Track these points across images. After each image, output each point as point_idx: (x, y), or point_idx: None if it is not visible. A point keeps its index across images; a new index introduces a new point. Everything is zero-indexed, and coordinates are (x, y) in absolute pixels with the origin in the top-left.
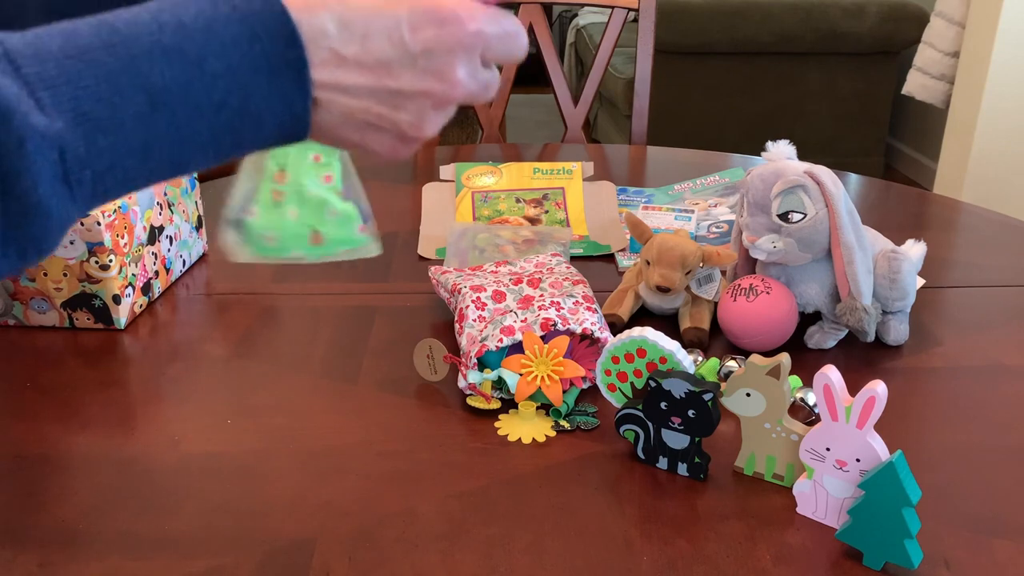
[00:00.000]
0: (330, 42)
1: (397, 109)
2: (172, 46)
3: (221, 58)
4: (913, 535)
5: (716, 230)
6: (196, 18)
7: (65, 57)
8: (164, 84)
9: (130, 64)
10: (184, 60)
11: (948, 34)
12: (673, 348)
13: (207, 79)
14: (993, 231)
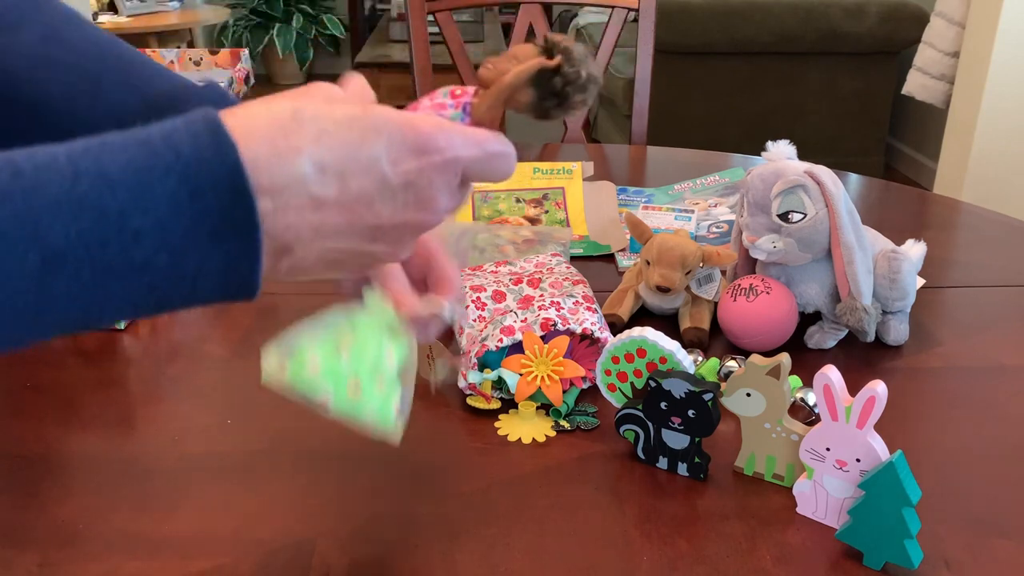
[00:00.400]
0: (308, 187)
1: (375, 241)
2: (85, 198)
3: (148, 214)
4: (913, 535)
5: (716, 230)
6: (125, 168)
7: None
8: (66, 243)
9: (26, 217)
10: (98, 214)
11: (948, 34)
12: (673, 348)
13: (126, 238)
14: (993, 231)
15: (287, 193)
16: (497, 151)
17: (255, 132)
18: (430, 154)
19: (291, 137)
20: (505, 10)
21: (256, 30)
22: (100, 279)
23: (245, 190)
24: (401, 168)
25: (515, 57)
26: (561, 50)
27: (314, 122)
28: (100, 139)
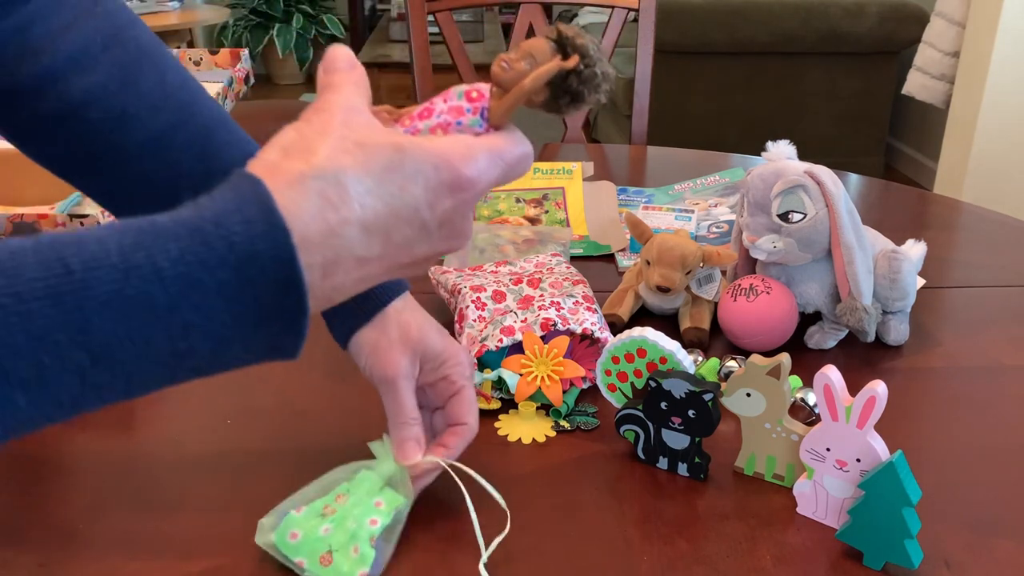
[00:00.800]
0: (355, 251)
1: (405, 269)
2: (136, 297)
3: (198, 310)
4: (913, 535)
5: (716, 230)
6: (177, 262)
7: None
8: (115, 339)
9: (76, 317)
10: (148, 312)
11: (948, 34)
12: (673, 348)
13: (175, 331)
14: (993, 231)
15: (336, 262)
16: (518, 157)
17: (305, 210)
18: (464, 190)
19: (340, 209)
20: (505, 10)
21: (256, 30)
22: (144, 367)
23: (297, 281)
24: (438, 210)
25: (530, 54)
26: (577, 48)
27: (357, 183)
28: (152, 226)
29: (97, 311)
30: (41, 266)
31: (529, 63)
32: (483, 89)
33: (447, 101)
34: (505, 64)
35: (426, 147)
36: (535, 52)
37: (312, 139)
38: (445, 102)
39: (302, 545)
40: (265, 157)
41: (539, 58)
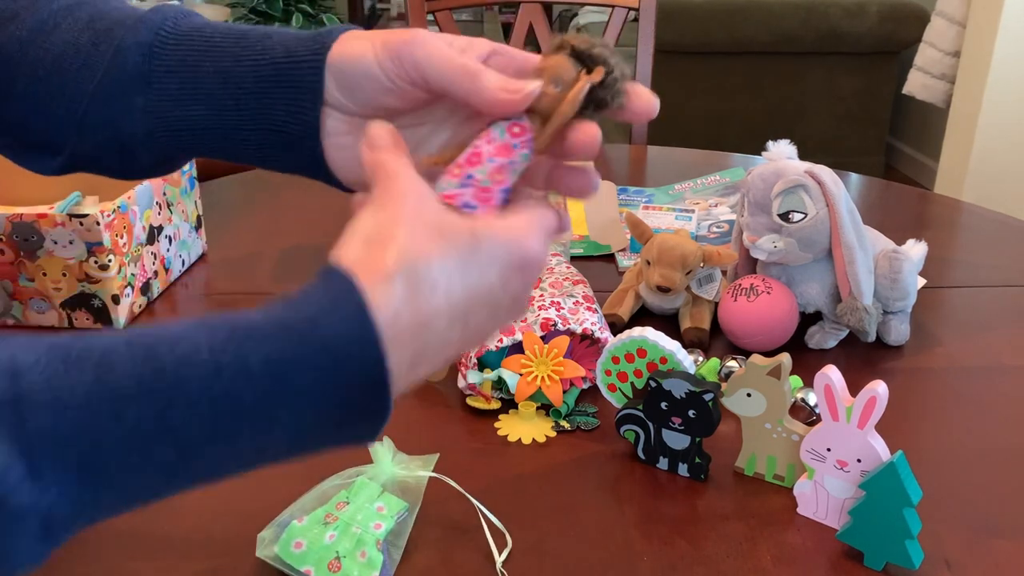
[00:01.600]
0: (439, 340)
1: (473, 345)
2: (225, 395)
3: (284, 407)
4: (914, 535)
5: (717, 230)
6: (267, 361)
7: (87, 410)
8: (203, 436)
9: (166, 415)
10: (235, 410)
11: (949, 33)
12: (673, 348)
13: (259, 428)
14: (994, 231)
15: (422, 353)
16: (560, 230)
17: (397, 307)
18: (531, 268)
19: (430, 300)
20: (505, 9)
21: None
22: (225, 460)
23: (385, 382)
24: (510, 288)
25: (557, 76)
26: (597, 59)
27: (442, 272)
28: (245, 321)
29: (187, 407)
30: (131, 366)
31: (558, 85)
32: (524, 123)
33: (491, 142)
34: (542, 91)
35: (496, 230)
36: (561, 73)
37: (391, 228)
38: (489, 143)
39: (308, 554)
40: (350, 251)
41: (565, 78)
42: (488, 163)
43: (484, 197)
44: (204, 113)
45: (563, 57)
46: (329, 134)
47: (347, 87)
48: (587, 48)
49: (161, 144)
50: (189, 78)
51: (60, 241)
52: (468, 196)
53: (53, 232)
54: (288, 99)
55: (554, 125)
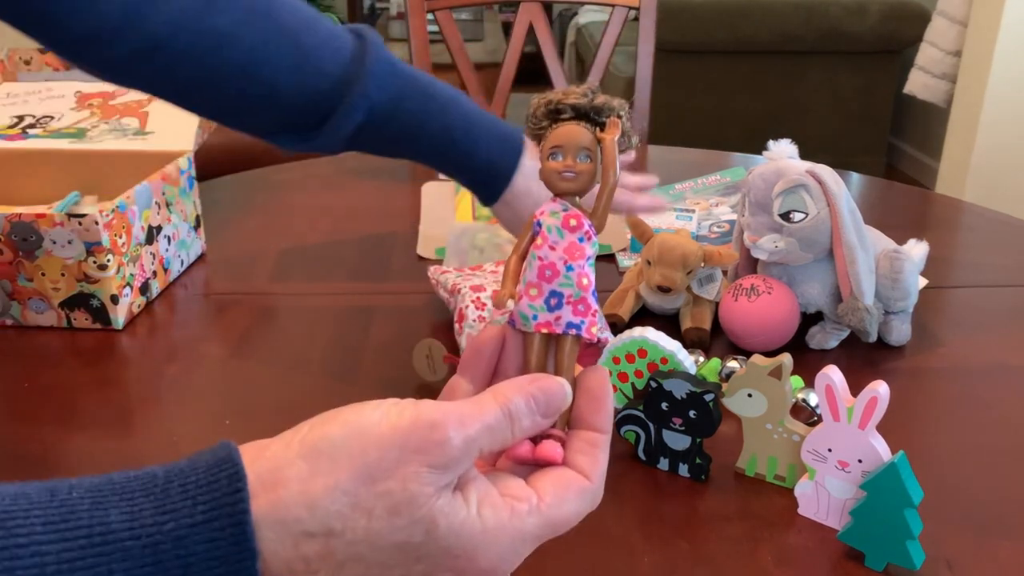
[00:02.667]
0: None
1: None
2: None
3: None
4: (915, 536)
5: (717, 230)
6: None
7: None
8: None
9: None
10: None
11: (950, 33)
12: (674, 348)
13: None
14: (995, 230)
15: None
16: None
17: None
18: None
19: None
20: (505, 8)
21: None
22: None
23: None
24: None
25: (582, 148)
26: (608, 112)
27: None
28: (102, 534)
29: None
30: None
31: (587, 156)
32: (578, 214)
33: (555, 247)
34: (571, 174)
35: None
36: (584, 143)
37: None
38: (554, 248)
39: None
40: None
41: (589, 146)
42: (568, 271)
43: (583, 310)
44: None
45: (577, 125)
46: None
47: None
48: (600, 106)
49: None
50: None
51: (59, 241)
52: (568, 315)
53: (52, 232)
54: None
55: (607, 202)
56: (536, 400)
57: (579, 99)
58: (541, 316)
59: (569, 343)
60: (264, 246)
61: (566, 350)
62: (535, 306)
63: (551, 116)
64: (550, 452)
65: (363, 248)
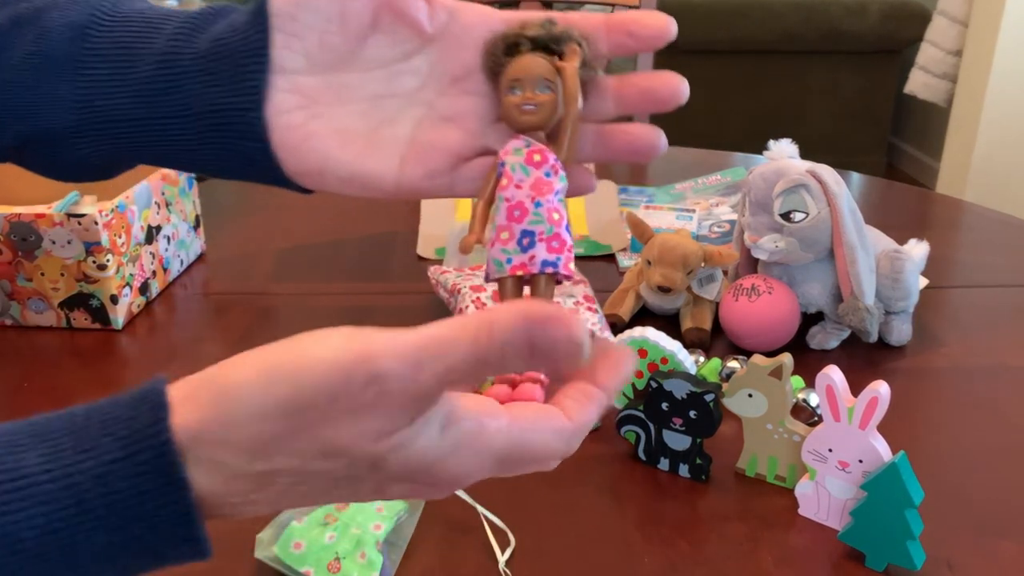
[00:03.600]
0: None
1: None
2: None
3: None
4: (916, 536)
5: (718, 229)
6: (43, 531)
7: None
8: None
9: None
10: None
11: (950, 32)
12: (674, 348)
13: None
14: (996, 230)
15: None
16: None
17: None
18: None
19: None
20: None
21: None
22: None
23: (198, 536)
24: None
25: (540, 77)
26: (566, 39)
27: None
28: (17, 480)
29: None
30: None
31: (547, 87)
32: (542, 148)
33: (521, 185)
34: (531, 106)
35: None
36: (542, 73)
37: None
38: (520, 187)
39: (308, 555)
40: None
41: (548, 75)
42: (536, 207)
43: (557, 246)
44: (134, 102)
45: (535, 56)
46: (278, 111)
47: (294, 29)
48: (547, 34)
49: (90, 140)
50: (122, 64)
51: (58, 241)
52: (542, 253)
53: (51, 232)
54: (229, 71)
55: (571, 132)
56: (536, 347)
57: (536, 31)
58: (515, 258)
59: (543, 281)
60: (264, 246)
61: (540, 288)
62: (508, 249)
63: (508, 51)
64: (528, 394)
65: (363, 248)
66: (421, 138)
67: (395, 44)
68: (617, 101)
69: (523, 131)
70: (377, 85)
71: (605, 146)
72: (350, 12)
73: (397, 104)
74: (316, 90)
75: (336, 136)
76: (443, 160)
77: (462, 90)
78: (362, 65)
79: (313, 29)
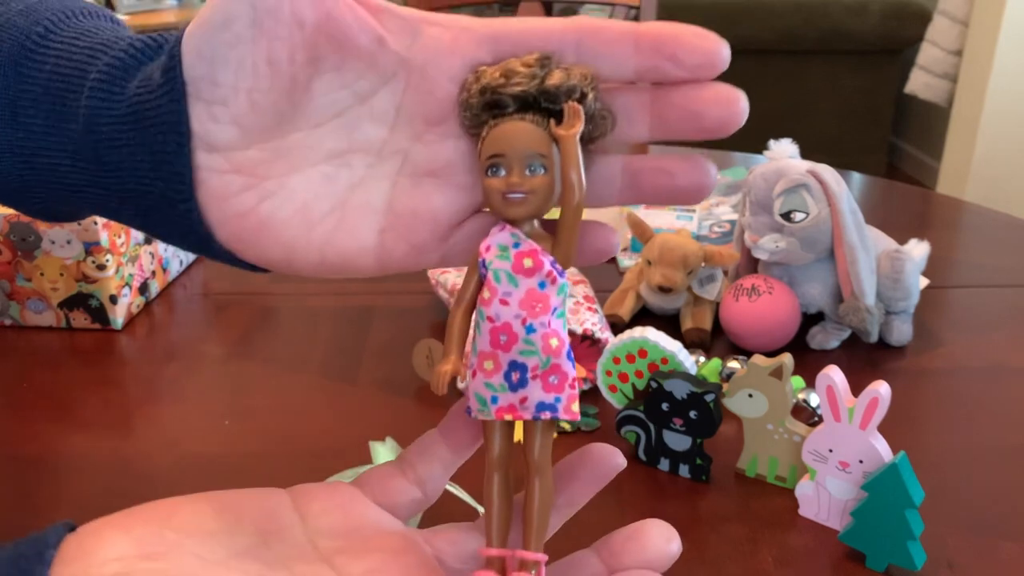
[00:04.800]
0: None
1: None
2: None
3: None
4: (916, 537)
5: (718, 229)
6: None
7: None
8: None
9: None
10: None
11: (951, 32)
12: (675, 349)
13: None
14: (997, 230)
15: None
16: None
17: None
18: None
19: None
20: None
21: None
22: None
23: None
24: None
25: (529, 157)
26: (561, 95)
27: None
28: None
29: None
30: None
31: (541, 165)
32: (534, 249)
33: (506, 302)
34: (518, 195)
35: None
36: (533, 149)
37: None
38: (505, 304)
39: None
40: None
41: (542, 150)
42: (528, 333)
43: (556, 383)
44: (72, 165)
45: (515, 123)
46: (219, 197)
47: (215, 95)
48: (539, 89)
49: (42, 196)
50: (55, 115)
51: (58, 241)
52: (537, 394)
53: (50, 232)
54: (147, 146)
55: (572, 223)
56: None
57: (524, 83)
58: (502, 397)
59: (541, 430)
60: None
61: (537, 441)
62: (492, 384)
63: (489, 109)
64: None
65: None
66: (400, 205)
67: (345, 84)
68: (654, 122)
69: (511, 222)
70: (334, 140)
71: (637, 188)
72: (277, 56)
73: (364, 160)
74: (260, 163)
75: (297, 217)
76: (429, 232)
77: (441, 134)
78: (310, 119)
79: (237, 90)
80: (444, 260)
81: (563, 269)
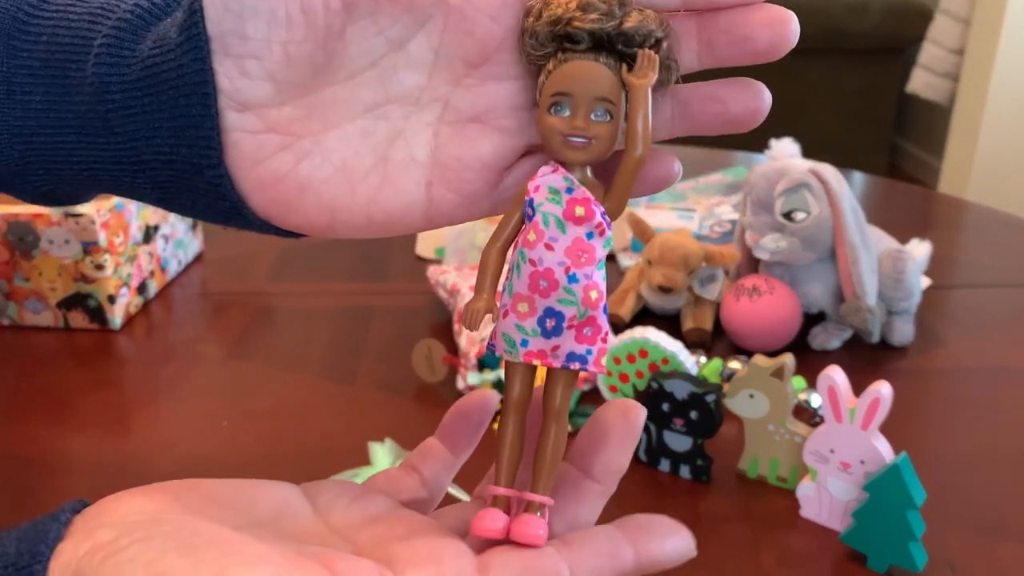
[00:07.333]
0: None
1: None
2: None
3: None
4: (918, 537)
5: (719, 229)
6: None
7: None
8: None
9: None
10: None
11: (953, 31)
12: (675, 349)
13: None
14: (999, 230)
15: None
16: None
17: None
18: None
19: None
20: None
21: None
22: None
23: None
24: None
25: (603, 100)
26: (639, 40)
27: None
28: None
29: None
30: None
31: (606, 111)
32: (587, 197)
33: (552, 247)
34: (581, 139)
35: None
36: (604, 93)
37: None
38: (550, 248)
39: None
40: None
41: (611, 96)
42: (571, 282)
43: (590, 335)
44: (78, 140)
45: (587, 62)
46: (253, 161)
47: (247, 49)
48: (617, 28)
49: (42, 176)
50: (56, 88)
51: (56, 241)
52: (569, 344)
53: (49, 231)
54: (167, 111)
55: (629, 177)
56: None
57: (601, 20)
58: (532, 342)
59: (565, 379)
60: (262, 246)
61: (559, 389)
62: (524, 327)
63: (557, 41)
64: (531, 534)
65: (362, 248)
66: (444, 154)
67: (380, 30)
68: (702, 50)
69: (565, 165)
70: (370, 92)
71: (689, 118)
72: (312, 4)
73: (402, 111)
74: (295, 120)
75: (338, 176)
76: (478, 179)
77: (484, 76)
78: (345, 71)
79: (272, 41)
80: (495, 208)
81: (611, 221)
